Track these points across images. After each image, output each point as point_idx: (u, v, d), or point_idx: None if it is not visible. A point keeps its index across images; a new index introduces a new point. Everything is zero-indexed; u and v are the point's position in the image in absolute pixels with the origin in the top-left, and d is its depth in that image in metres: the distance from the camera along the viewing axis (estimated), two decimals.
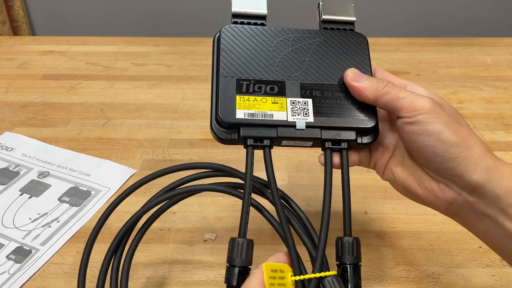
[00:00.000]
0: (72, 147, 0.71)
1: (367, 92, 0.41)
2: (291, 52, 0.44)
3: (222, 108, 0.40)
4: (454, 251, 0.54)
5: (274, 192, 0.40)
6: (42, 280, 0.51)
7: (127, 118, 0.77)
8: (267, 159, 0.41)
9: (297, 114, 0.41)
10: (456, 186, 0.39)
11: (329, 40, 0.45)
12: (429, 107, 0.39)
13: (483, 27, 1.53)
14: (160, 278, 0.51)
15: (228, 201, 0.61)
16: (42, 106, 0.80)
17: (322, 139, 0.42)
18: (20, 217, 0.59)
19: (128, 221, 0.47)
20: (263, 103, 0.41)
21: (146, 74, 0.89)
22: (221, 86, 0.41)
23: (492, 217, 0.39)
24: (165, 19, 1.54)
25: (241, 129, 0.40)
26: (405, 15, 1.53)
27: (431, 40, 1.00)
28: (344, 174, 0.42)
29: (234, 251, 0.39)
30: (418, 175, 0.41)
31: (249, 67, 0.43)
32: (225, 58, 0.43)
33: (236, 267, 0.38)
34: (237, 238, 0.39)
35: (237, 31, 0.44)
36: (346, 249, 0.39)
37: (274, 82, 0.42)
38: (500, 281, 0.50)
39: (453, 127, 0.39)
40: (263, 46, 0.44)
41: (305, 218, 0.43)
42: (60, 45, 0.99)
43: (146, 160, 0.68)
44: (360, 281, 0.39)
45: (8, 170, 0.67)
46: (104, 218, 0.47)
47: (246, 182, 0.40)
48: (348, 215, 0.41)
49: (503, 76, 0.88)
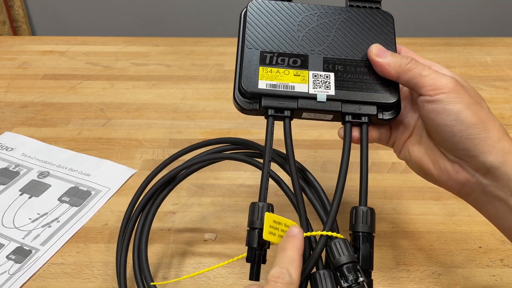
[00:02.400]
0: (72, 147, 0.71)
1: (390, 68, 0.41)
2: (316, 27, 0.44)
3: (245, 78, 0.42)
4: (454, 251, 0.54)
5: (291, 160, 0.41)
6: (42, 280, 0.51)
7: (127, 118, 0.77)
8: (286, 130, 0.41)
9: (319, 87, 0.42)
10: (471, 167, 0.40)
11: (354, 17, 0.45)
12: (451, 86, 0.39)
13: (483, 27, 1.53)
14: (159, 278, 0.51)
15: (228, 201, 0.61)
16: (42, 106, 0.80)
17: (343, 112, 0.42)
18: (20, 217, 0.59)
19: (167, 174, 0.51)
20: (286, 75, 0.42)
21: (146, 74, 0.89)
22: (245, 57, 0.43)
23: (504, 200, 0.39)
24: (165, 19, 1.54)
25: (262, 99, 0.41)
26: (405, 15, 1.53)
27: (431, 40, 1.00)
28: (363, 149, 0.42)
29: (254, 214, 0.39)
30: (433, 154, 0.42)
31: (273, 40, 0.43)
32: (250, 31, 0.44)
33: (256, 229, 0.38)
34: (257, 202, 0.39)
35: (264, 6, 0.45)
36: (360, 218, 0.39)
37: (297, 55, 0.43)
38: (500, 281, 0.50)
39: (473, 108, 0.39)
40: (288, 21, 0.45)
41: (320, 188, 0.45)
42: (60, 45, 0.99)
43: (146, 160, 0.68)
44: (372, 251, 0.39)
45: (8, 170, 0.66)
46: (149, 179, 0.51)
47: (266, 150, 0.41)
48: (365, 186, 0.41)
49: (503, 76, 0.88)
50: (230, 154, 0.50)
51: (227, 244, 0.55)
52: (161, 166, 0.52)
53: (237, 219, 0.58)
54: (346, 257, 0.36)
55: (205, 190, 0.62)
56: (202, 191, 0.62)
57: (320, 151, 0.69)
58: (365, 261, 0.38)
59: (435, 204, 0.59)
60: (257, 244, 0.38)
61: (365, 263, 0.38)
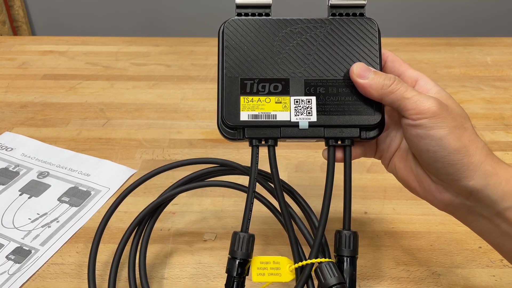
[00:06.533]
0: (72, 147, 0.71)
1: (372, 90, 0.40)
2: (296, 45, 0.43)
3: (227, 111, 0.41)
4: (454, 251, 0.54)
5: (277, 188, 0.42)
6: (42, 280, 0.51)
7: (127, 118, 0.77)
8: (271, 158, 0.42)
9: (300, 114, 0.41)
10: (453, 190, 0.40)
11: (336, 29, 0.43)
12: (434, 110, 0.38)
13: (483, 27, 1.53)
14: (159, 279, 0.51)
15: (228, 201, 0.61)
16: (42, 106, 0.80)
17: (326, 137, 0.42)
18: (19, 217, 0.59)
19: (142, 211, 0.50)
20: (267, 103, 0.42)
21: (146, 74, 0.89)
22: (226, 87, 0.42)
23: (489, 219, 0.39)
24: (165, 19, 1.54)
25: (245, 130, 0.41)
26: (405, 15, 1.53)
27: (431, 40, 1.00)
28: (346, 169, 0.42)
29: (235, 244, 0.41)
30: (418, 174, 0.42)
31: (253, 65, 0.42)
32: (229, 56, 0.42)
33: (237, 259, 0.40)
34: (239, 232, 0.41)
35: (241, 25, 0.43)
36: (343, 242, 0.41)
37: (278, 80, 0.42)
38: (500, 281, 0.50)
39: (456, 133, 0.38)
40: (267, 40, 0.43)
41: (309, 210, 0.46)
42: (60, 45, 0.99)
43: (146, 160, 0.68)
44: (355, 273, 0.41)
45: (8, 170, 0.66)
46: (108, 217, 0.49)
47: (251, 179, 0.41)
48: (348, 209, 0.42)
49: (503, 76, 0.88)
50: (216, 182, 0.50)
51: (227, 244, 0.55)
52: (133, 185, 0.51)
53: (237, 219, 0.58)
54: (335, 278, 0.39)
55: (205, 190, 0.62)
56: (202, 191, 0.62)
57: (319, 151, 0.69)
58: (351, 283, 0.41)
59: None
60: (236, 273, 0.40)
61: (351, 285, 0.41)
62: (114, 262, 0.48)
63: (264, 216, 0.55)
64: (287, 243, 0.42)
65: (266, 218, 0.56)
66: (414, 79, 0.43)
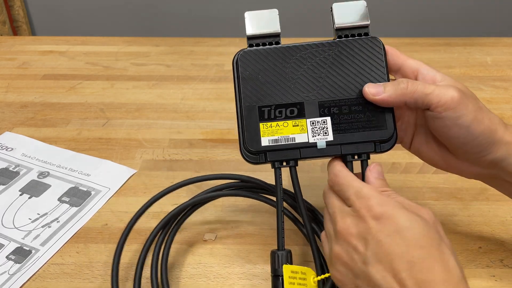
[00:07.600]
0: (72, 147, 0.71)
1: (392, 99, 0.42)
2: (307, 69, 0.45)
3: (249, 139, 0.44)
4: None
5: (301, 205, 0.45)
6: (42, 280, 0.51)
7: (127, 118, 0.77)
8: (293, 178, 0.45)
9: (317, 134, 0.44)
10: (480, 164, 0.44)
11: (343, 51, 0.45)
12: (456, 100, 0.41)
13: (483, 27, 1.53)
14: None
15: (228, 201, 0.61)
16: (42, 106, 0.80)
17: (343, 154, 0.44)
18: (20, 217, 0.59)
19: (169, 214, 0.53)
20: (285, 127, 0.44)
21: (146, 74, 0.89)
22: (245, 116, 0.44)
23: None
24: (165, 19, 1.54)
25: (267, 154, 0.44)
26: (405, 15, 1.53)
27: (431, 40, 1.00)
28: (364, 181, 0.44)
29: (275, 263, 0.44)
30: (443, 155, 0.45)
31: (268, 92, 0.45)
32: (245, 87, 0.45)
33: (279, 276, 0.43)
34: (277, 251, 0.44)
35: (254, 56, 0.46)
36: None
37: (293, 104, 0.44)
38: (500, 281, 0.50)
39: (479, 117, 0.41)
40: (280, 68, 0.45)
41: None
42: (60, 45, 0.99)
43: (146, 160, 0.68)
44: None
45: (8, 170, 0.66)
46: (136, 218, 0.52)
47: (278, 199, 0.45)
48: None
49: (503, 76, 0.88)
50: (248, 193, 0.54)
51: (227, 244, 0.55)
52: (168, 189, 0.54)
53: (237, 219, 0.58)
54: None
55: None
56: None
57: None
58: None
59: (435, 204, 0.59)
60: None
61: None
62: (139, 262, 0.50)
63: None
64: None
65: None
66: (415, 69, 0.45)
